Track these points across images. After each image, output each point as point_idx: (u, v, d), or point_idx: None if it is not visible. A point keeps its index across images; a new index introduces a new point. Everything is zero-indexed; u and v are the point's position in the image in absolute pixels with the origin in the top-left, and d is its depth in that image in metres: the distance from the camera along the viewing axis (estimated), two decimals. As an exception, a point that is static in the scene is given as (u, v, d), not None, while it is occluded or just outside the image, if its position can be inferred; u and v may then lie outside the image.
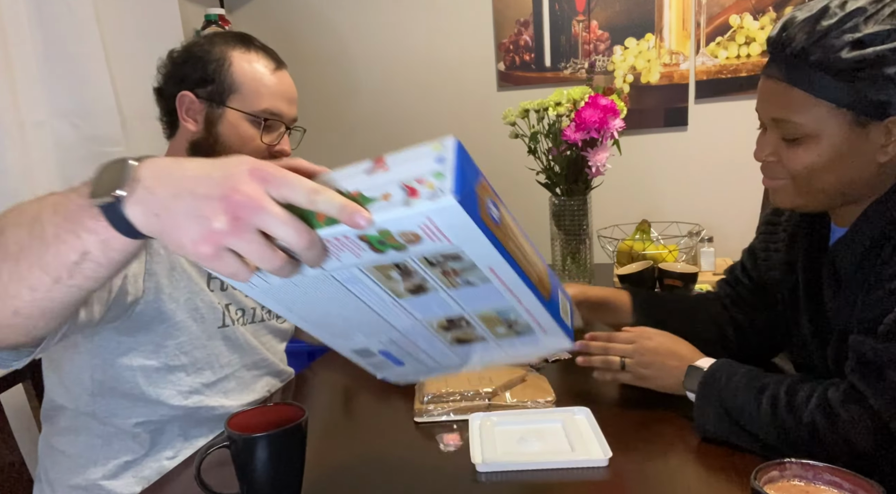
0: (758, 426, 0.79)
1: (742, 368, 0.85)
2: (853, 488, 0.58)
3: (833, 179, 0.80)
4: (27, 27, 1.52)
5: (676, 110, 2.22)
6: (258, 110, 1.05)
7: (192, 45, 1.07)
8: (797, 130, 0.79)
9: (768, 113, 0.82)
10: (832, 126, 0.77)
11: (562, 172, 1.61)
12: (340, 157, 2.78)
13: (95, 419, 1.01)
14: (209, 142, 1.05)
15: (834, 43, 0.73)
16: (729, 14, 2.13)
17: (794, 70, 0.77)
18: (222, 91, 1.04)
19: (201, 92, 1.04)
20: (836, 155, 0.78)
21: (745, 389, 0.81)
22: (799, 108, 0.78)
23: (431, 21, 2.37)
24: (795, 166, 0.81)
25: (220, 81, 1.04)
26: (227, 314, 1.10)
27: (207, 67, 1.04)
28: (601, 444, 0.84)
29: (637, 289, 1.17)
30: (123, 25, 1.79)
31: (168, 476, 0.89)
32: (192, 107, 1.05)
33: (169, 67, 1.07)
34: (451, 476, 0.82)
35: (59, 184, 1.60)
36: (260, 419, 0.77)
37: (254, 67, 1.06)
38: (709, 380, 0.86)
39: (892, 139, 0.77)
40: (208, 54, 1.05)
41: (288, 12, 2.48)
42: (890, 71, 0.72)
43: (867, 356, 0.73)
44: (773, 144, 0.83)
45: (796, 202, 0.85)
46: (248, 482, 0.73)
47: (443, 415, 0.98)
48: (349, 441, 0.96)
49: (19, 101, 1.48)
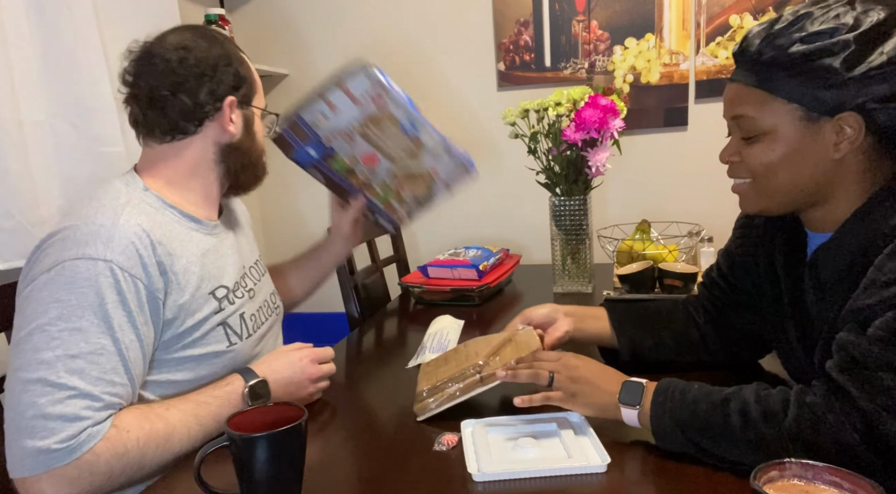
0: (725, 441, 0.77)
1: (692, 384, 0.84)
2: (853, 488, 0.58)
3: (790, 177, 0.84)
4: (27, 27, 1.52)
5: (676, 110, 2.22)
6: (264, 107, 1.11)
7: (195, 48, 1.01)
8: (754, 126, 0.84)
9: (729, 113, 0.88)
10: (786, 122, 0.81)
11: (562, 172, 1.61)
12: (340, 157, 2.75)
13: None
14: (247, 144, 1.08)
15: (783, 41, 0.79)
16: (729, 14, 2.13)
17: (751, 71, 0.83)
18: (250, 92, 1.07)
19: (237, 95, 1.05)
20: (791, 151, 0.82)
21: (704, 403, 0.80)
22: (755, 104, 0.83)
23: (431, 21, 2.37)
24: (754, 164, 0.85)
25: (250, 82, 1.06)
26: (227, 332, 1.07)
27: (240, 71, 1.04)
28: (598, 450, 0.83)
29: (612, 304, 1.18)
30: (123, 25, 1.78)
31: (168, 476, 0.89)
32: (234, 111, 1.05)
33: (197, 71, 1.00)
34: (450, 479, 0.82)
35: (57, 184, 1.60)
36: (260, 419, 0.77)
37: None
38: (659, 398, 0.83)
39: (844, 137, 0.79)
40: (233, 58, 1.04)
41: (287, 12, 2.48)
42: (835, 64, 0.76)
43: (856, 357, 0.73)
44: (735, 146, 0.89)
45: (760, 205, 0.89)
46: (248, 482, 0.73)
47: (443, 405, 0.97)
48: (349, 441, 0.96)
49: (19, 100, 1.48)
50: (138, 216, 0.94)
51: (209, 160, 1.06)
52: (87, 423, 0.83)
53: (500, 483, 0.80)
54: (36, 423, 0.81)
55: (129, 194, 0.98)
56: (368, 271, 1.87)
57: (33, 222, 1.49)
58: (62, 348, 0.84)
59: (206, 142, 1.05)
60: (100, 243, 0.89)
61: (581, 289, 1.68)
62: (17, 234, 1.45)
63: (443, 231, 2.48)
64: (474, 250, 1.81)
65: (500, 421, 0.94)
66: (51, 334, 0.84)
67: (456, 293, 1.68)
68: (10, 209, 1.44)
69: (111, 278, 0.88)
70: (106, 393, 0.86)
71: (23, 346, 0.85)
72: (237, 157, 1.07)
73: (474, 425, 0.93)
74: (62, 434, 0.81)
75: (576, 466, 0.81)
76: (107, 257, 0.88)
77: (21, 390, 0.83)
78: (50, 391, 0.82)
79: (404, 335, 1.55)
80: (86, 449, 0.82)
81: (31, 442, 0.81)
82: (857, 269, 0.79)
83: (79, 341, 0.85)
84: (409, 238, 2.35)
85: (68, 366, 0.84)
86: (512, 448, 0.86)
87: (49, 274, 0.87)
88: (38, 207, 1.52)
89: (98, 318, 0.86)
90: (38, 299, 0.87)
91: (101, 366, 0.86)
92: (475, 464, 0.82)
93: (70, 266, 0.87)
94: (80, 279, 0.86)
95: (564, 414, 0.93)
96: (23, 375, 0.83)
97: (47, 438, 0.81)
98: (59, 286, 0.86)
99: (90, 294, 0.86)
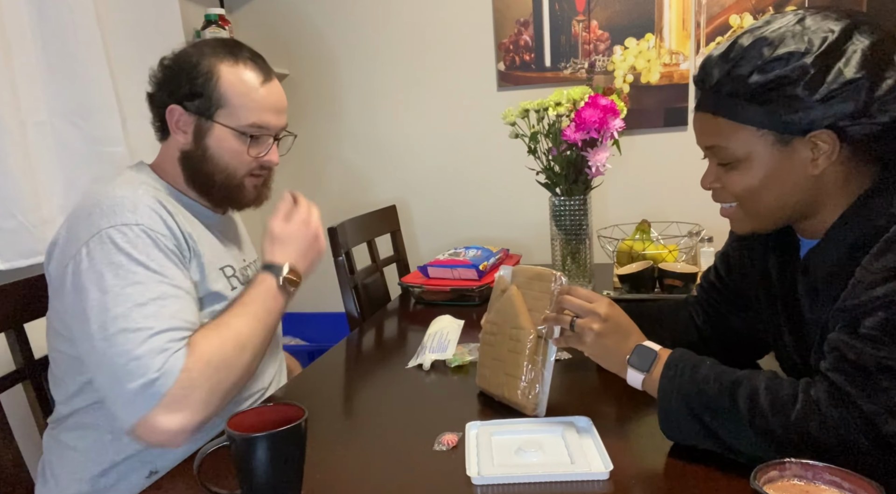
0: (731, 424, 0.77)
1: (704, 360, 0.84)
2: (853, 488, 0.58)
3: (774, 198, 0.84)
4: (28, 27, 1.52)
5: (676, 110, 2.22)
6: (245, 125, 1.07)
7: (182, 55, 1.08)
8: (728, 154, 0.84)
9: (702, 142, 0.88)
10: (759, 147, 0.81)
11: (562, 172, 1.61)
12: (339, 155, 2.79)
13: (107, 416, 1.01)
14: (198, 154, 1.09)
15: (741, 72, 0.79)
16: (729, 14, 2.13)
17: (716, 102, 0.83)
18: (210, 106, 1.06)
19: (190, 105, 1.06)
20: (769, 174, 0.82)
21: (714, 382, 0.80)
22: (726, 134, 0.83)
23: (431, 21, 2.37)
24: (736, 190, 0.86)
25: (208, 95, 1.05)
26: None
27: (195, 81, 1.05)
28: (602, 456, 0.82)
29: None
30: (124, 25, 1.79)
31: (168, 476, 0.89)
32: (181, 119, 1.08)
33: (159, 77, 1.09)
34: (449, 481, 0.82)
35: (59, 184, 1.60)
36: (260, 419, 0.77)
37: (242, 80, 1.07)
38: (669, 372, 0.84)
39: (820, 152, 0.79)
40: (196, 68, 1.06)
41: (287, 12, 2.48)
42: (795, 91, 0.76)
43: (850, 358, 0.73)
44: (714, 172, 0.89)
45: (752, 226, 0.89)
46: (248, 482, 0.73)
47: (545, 385, 0.97)
48: (349, 441, 0.96)
49: (20, 100, 1.48)
50: (153, 192, 1.04)
51: (176, 163, 1.11)
52: (171, 351, 0.91)
53: (500, 488, 0.79)
54: (130, 366, 0.89)
55: (140, 178, 1.08)
56: (368, 271, 1.87)
57: (34, 222, 1.49)
58: (130, 300, 0.91)
59: (172, 147, 1.11)
60: (127, 211, 0.97)
61: (581, 289, 1.68)
62: (18, 234, 1.45)
63: (443, 231, 2.48)
64: (474, 250, 1.81)
65: (505, 425, 0.93)
66: (115, 293, 0.91)
67: (456, 293, 1.68)
68: (12, 209, 1.44)
69: (148, 238, 0.96)
70: (180, 328, 0.93)
71: (93, 314, 0.91)
72: (191, 167, 1.10)
73: (479, 427, 0.93)
74: (155, 365, 0.89)
75: (578, 472, 0.80)
76: (138, 222, 0.96)
77: (107, 347, 0.90)
78: (133, 336, 0.90)
79: (404, 335, 1.55)
80: (179, 369, 0.90)
81: (132, 383, 0.88)
82: (845, 270, 0.79)
83: (143, 291, 0.92)
84: (409, 238, 2.36)
85: (141, 312, 0.91)
86: (514, 453, 0.85)
87: (88, 246, 0.94)
88: (40, 207, 1.52)
89: (150, 271, 0.94)
90: (87, 271, 0.93)
91: (169, 308, 0.94)
92: (475, 467, 0.82)
93: (107, 234, 0.94)
94: (121, 243, 0.94)
95: (571, 419, 0.92)
96: (105, 334, 0.90)
97: (145, 373, 0.88)
98: (105, 253, 0.93)
99: (135, 254, 0.94)
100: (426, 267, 1.75)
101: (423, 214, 2.52)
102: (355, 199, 2.52)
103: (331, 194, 2.57)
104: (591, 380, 1.14)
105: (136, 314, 0.91)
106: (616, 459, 0.81)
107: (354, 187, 2.56)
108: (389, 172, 2.52)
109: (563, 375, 1.16)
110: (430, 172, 2.49)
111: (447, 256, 1.79)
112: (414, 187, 2.51)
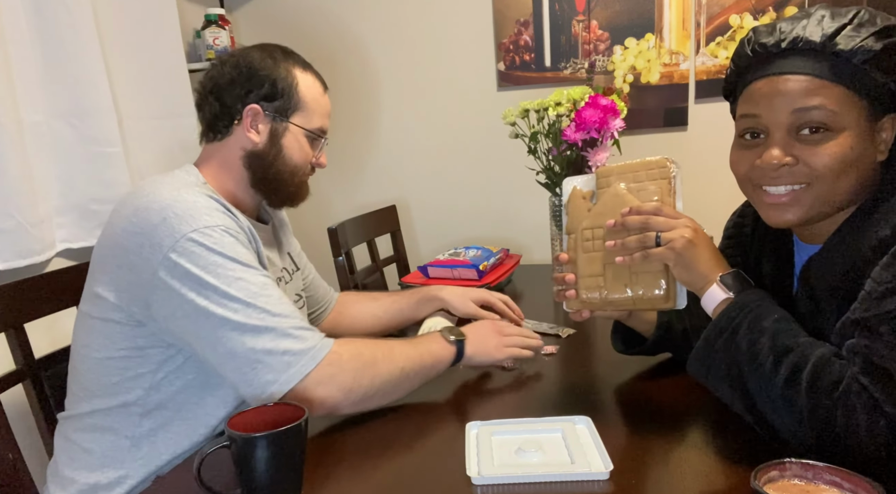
0: (762, 381, 0.76)
1: (774, 314, 0.80)
2: (853, 488, 0.58)
3: (849, 180, 0.79)
4: (25, 27, 1.52)
5: (676, 110, 2.22)
6: (315, 128, 1.16)
7: (253, 56, 1.12)
8: (831, 119, 0.77)
9: (802, 103, 0.78)
10: (859, 119, 0.78)
11: (562, 172, 1.61)
12: (339, 154, 2.78)
13: (131, 419, 1.01)
14: (271, 153, 1.13)
15: (858, 34, 0.76)
16: (729, 14, 2.13)
17: (822, 64, 0.78)
18: (288, 108, 1.12)
19: (267, 106, 1.11)
20: (856, 148, 0.78)
21: (769, 339, 0.77)
22: (833, 98, 0.77)
23: (431, 21, 2.37)
24: (820, 164, 0.78)
25: (288, 97, 1.12)
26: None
27: (277, 83, 1.11)
28: (602, 456, 0.82)
29: None
30: (122, 26, 1.78)
31: (168, 476, 0.89)
32: (256, 119, 1.11)
33: (231, 76, 1.10)
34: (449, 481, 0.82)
35: (57, 184, 1.60)
36: (260, 419, 0.77)
37: (315, 86, 1.16)
38: (732, 313, 0.81)
39: (888, 135, 0.79)
40: (276, 71, 1.11)
41: (287, 13, 2.48)
42: None
43: (874, 361, 0.72)
44: (786, 146, 0.80)
45: (811, 212, 0.81)
46: (248, 482, 0.73)
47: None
48: (349, 440, 0.96)
49: (17, 101, 1.48)
50: (211, 193, 1.04)
51: (237, 164, 1.13)
52: (318, 332, 0.97)
53: (500, 488, 0.79)
54: (280, 339, 0.92)
55: (193, 182, 1.08)
56: (368, 271, 1.87)
57: (33, 222, 1.49)
58: (242, 295, 0.93)
59: (236, 145, 1.13)
60: (204, 214, 0.97)
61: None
62: (16, 234, 1.45)
63: (443, 231, 2.48)
64: (474, 250, 1.80)
65: (505, 425, 0.93)
66: (222, 294, 0.92)
67: (456, 293, 1.68)
68: (10, 209, 1.44)
69: (230, 237, 0.97)
70: (293, 312, 0.96)
71: (209, 313, 0.92)
72: (260, 166, 1.13)
73: (479, 427, 0.92)
74: (308, 336, 0.95)
75: (578, 472, 0.79)
76: (217, 223, 0.97)
77: (238, 335, 0.91)
78: (263, 333, 0.92)
79: (404, 335, 1.54)
80: (330, 347, 0.95)
81: (288, 347, 0.92)
82: (850, 283, 0.78)
83: (248, 286, 0.94)
84: (409, 238, 2.36)
85: (257, 302, 0.93)
86: (514, 453, 0.85)
87: (177, 250, 0.93)
88: (38, 207, 1.52)
89: (245, 266, 0.96)
90: (182, 275, 0.93)
91: (274, 295, 0.96)
92: (475, 467, 0.82)
93: (194, 237, 0.94)
94: (209, 245, 0.94)
95: (571, 419, 0.92)
96: (230, 325, 0.91)
97: (303, 341, 0.94)
98: (197, 256, 0.93)
99: (226, 252, 0.95)
100: (426, 267, 1.75)
101: (423, 214, 2.52)
102: (355, 199, 2.52)
103: (331, 194, 2.57)
104: (591, 380, 1.14)
105: (252, 312, 0.92)
106: (616, 459, 0.80)
107: (354, 187, 2.56)
108: (389, 172, 2.52)
109: (563, 375, 1.16)
110: (430, 172, 2.49)
111: (447, 256, 1.79)
112: (414, 187, 2.51)
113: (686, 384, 1.02)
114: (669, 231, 0.87)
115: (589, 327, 1.37)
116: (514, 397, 1.08)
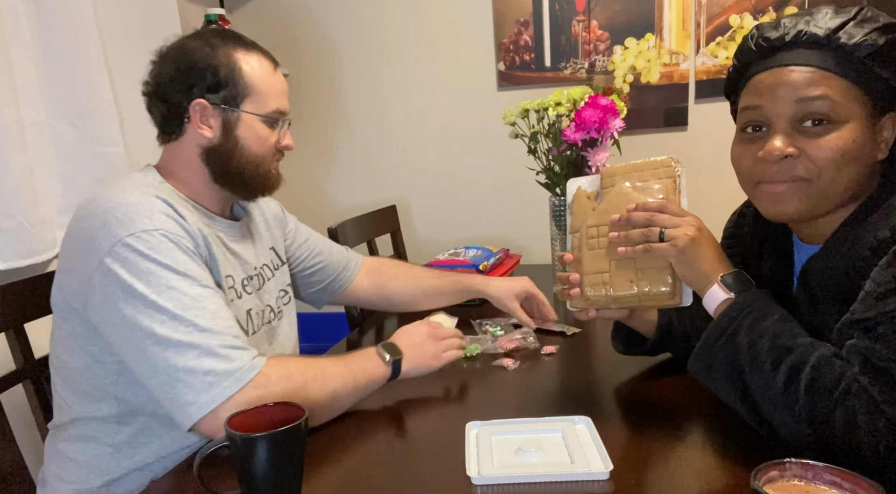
0: (762, 378, 0.76)
1: (775, 313, 0.80)
2: (853, 488, 0.58)
3: (848, 175, 0.79)
4: (26, 27, 1.52)
5: (676, 110, 2.22)
6: (270, 111, 1.07)
7: (188, 48, 1.04)
8: (834, 111, 0.77)
9: (794, 95, 0.79)
10: (861, 114, 0.78)
11: (562, 172, 1.61)
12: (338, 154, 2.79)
13: (114, 427, 1.00)
14: (228, 147, 1.05)
15: (863, 29, 0.77)
16: (729, 14, 2.13)
17: (827, 56, 0.78)
18: (236, 95, 1.04)
19: (214, 98, 1.03)
20: (858, 143, 0.78)
21: (769, 340, 0.77)
22: (838, 89, 0.78)
23: (431, 21, 2.37)
24: (825, 154, 0.78)
25: (234, 85, 1.03)
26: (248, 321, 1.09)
27: (219, 72, 1.02)
28: (602, 456, 0.82)
29: None
30: (122, 25, 1.79)
31: (168, 476, 0.89)
32: (205, 113, 1.04)
33: (170, 73, 1.03)
34: (449, 481, 0.82)
35: (57, 184, 1.60)
36: (260, 419, 0.77)
37: (261, 67, 1.06)
38: (732, 314, 0.81)
39: (889, 134, 0.79)
40: (215, 58, 1.03)
41: (287, 12, 2.48)
42: None
43: (874, 361, 0.72)
44: (789, 137, 0.80)
45: (808, 206, 0.81)
46: (248, 482, 0.73)
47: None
48: (349, 440, 0.96)
49: (18, 101, 1.48)
50: (165, 195, 0.99)
51: (196, 162, 1.06)
52: (250, 351, 0.91)
53: (500, 488, 0.79)
54: (203, 359, 0.87)
55: (148, 182, 1.02)
56: (368, 271, 1.87)
57: (33, 222, 1.49)
58: (171, 306, 0.88)
59: (191, 143, 1.06)
60: (144, 217, 0.92)
61: (581, 289, 1.68)
62: (17, 234, 1.45)
63: (443, 231, 2.48)
64: (474, 250, 1.80)
65: (505, 425, 0.93)
66: (150, 304, 0.88)
67: (456, 293, 1.68)
68: (10, 210, 1.44)
69: (170, 242, 0.92)
70: (227, 329, 0.91)
71: (136, 323, 0.88)
72: (219, 161, 1.06)
73: (479, 427, 0.92)
74: (236, 356, 0.89)
75: (577, 472, 0.79)
76: (156, 227, 0.92)
77: (161, 350, 0.87)
78: (186, 350, 0.87)
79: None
80: (259, 370, 0.89)
81: (210, 368, 0.87)
82: (849, 283, 0.78)
83: (178, 296, 0.89)
84: (409, 238, 2.36)
85: (185, 315, 0.88)
86: (514, 452, 0.85)
87: (111, 255, 0.89)
88: (39, 207, 1.52)
89: (179, 274, 0.91)
90: (113, 282, 0.89)
91: (209, 308, 0.91)
92: (475, 467, 0.82)
93: (129, 242, 0.90)
94: (144, 250, 0.90)
95: (571, 419, 0.92)
96: (156, 339, 0.87)
97: (230, 362, 0.88)
98: (130, 262, 0.89)
99: (161, 259, 0.90)
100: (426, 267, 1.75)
101: (423, 214, 2.52)
102: (355, 199, 2.52)
103: (331, 194, 2.57)
104: (591, 380, 1.14)
105: (179, 324, 0.88)
106: (616, 459, 0.80)
107: (354, 186, 2.56)
108: (389, 172, 2.52)
109: (563, 374, 1.16)
110: (430, 172, 2.49)
111: (447, 256, 1.79)
112: (414, 187, 2.51)
113: (686, 384, 1.01)
114: (674, 228, 0.87)
115: (589, 327, 1.37)
116: (514, 397, 1.08)
